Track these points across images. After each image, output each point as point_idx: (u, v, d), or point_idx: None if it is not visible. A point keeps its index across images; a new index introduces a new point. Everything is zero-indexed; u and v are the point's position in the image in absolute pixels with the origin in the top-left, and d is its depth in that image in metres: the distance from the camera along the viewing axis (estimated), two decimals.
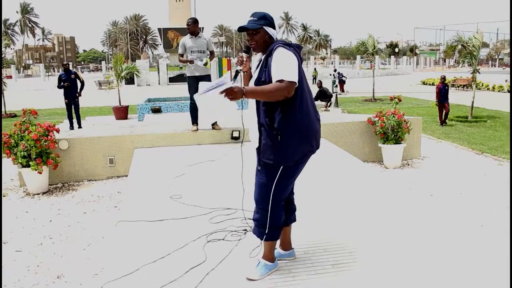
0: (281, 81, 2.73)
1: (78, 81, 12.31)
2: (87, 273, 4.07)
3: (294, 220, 3.29)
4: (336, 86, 19.26)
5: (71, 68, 14.16)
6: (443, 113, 12.57)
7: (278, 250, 3.31)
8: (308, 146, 2.90)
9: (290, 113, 2.82)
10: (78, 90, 12.33)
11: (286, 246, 3.33)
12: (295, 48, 2.91)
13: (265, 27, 2.91)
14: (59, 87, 12.14)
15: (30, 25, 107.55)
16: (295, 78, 2.76)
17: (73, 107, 12.22)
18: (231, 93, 2.62)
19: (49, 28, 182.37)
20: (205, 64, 7.20)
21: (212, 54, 7.43)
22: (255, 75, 2.98)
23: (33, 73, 79.22)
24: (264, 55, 2.94)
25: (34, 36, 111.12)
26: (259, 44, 2.95)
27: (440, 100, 12.61)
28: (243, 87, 2.70)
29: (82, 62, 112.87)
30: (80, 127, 12.33)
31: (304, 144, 2.88)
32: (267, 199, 2.95)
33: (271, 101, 2.79)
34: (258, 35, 2.93)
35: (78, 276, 4.02)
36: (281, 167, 2.88)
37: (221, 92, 2.62)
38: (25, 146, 6.33)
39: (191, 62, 7.19)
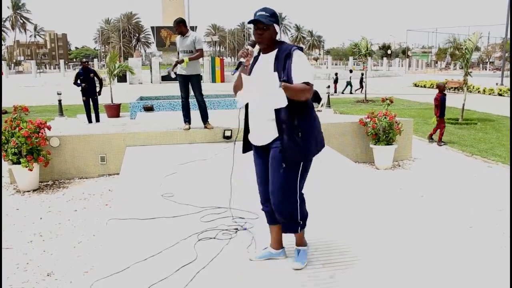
0: (307, 83, 2.88)
1: (96, 79, 12.39)
2: (77, 271, 4.05)
3: None
4: (345, 87, 19.76)
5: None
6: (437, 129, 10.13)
7: (269, 250, 3.34)
8: (321, 143, 3.15)
9: (307, 113, 3.03)
10: (98, 89, 12.48)
11: (277, 245, 3.35)
12: None
13: (274, 25, 3.00)
14: (76, 84, 12.18)
15: (21, 21, 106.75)
16: (314, 83, 2.95)
17: (92, 104, 12.36)
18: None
19: (41, 24, 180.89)
20: (180, 62, 7.19)
21: (199, 51, 7.34)
22: (263, 76, 2.91)
23: (24, 69, 78.65)
24: (278, 55, 2.99)
25: (25, 32, 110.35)
26: (266, 40, 3.01)
27: (441, 115, 9.95)
28: (281, 82, 2.81)
29: (74, 59, 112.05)
30: (98, 121, 12.49)
31: (319, 141, 3.12)
32: (295, 193, 3.06)
33: (295, 99, 2.88)
34: (267, 31, 2.98)
35: (68, 274, 4.00)
36: (302, 163, 3.03)
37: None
38: (15, 143, 6.29)
39: (174, 67, 7.37)
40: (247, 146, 3.32)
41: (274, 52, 3.03)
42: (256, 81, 2.92)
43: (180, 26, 7.29)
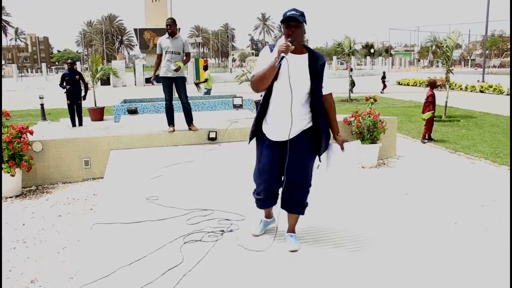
0: (331, 94, 3.40)
1: (81, 83, 12.09)
2: (62, 277, 4.00)
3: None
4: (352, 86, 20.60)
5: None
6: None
7: (264, 220, 3.85)
8: None
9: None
10: (83, 94, 12.20)
11: (270, 215, 3.88)
12: None
13: (304, 24, 3.19)
14: (62, 86, 11.88)
15: (1, 24, 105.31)
16: None
17: (75, 107, 12.08)
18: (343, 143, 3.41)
19: (22, 27, 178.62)
20: (177, 69, 7.15)
21: (187, 56, 7.41)
22: (300, 77, 3.22)
23: (5, 73, 77.47)
24: (312, 60, 3.25)
25: (6, 36, 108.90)
26: (297, 38, 3.17)
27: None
28: (338, 134, 3.45)
29: (57, 63, 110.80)
30: (81, 124, 12.27)
31: None
32: (311, 181, 3.52)
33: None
34: (300, 29, 3.16)
35: (52, 280, 3.95)
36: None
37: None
38: None
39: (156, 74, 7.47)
40: (256, 137, 3.53)
41: (306, 56, 3.25)
42: (294, 82, 3.20)
43: (175, 26, 7.28)
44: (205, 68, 19.66)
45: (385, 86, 26.16)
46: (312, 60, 3.25)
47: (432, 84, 10.47)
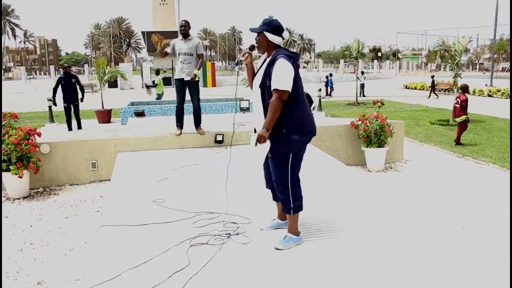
0: (275, 90, 3.28)
1: (77, 86, 11.97)
2: (68, 279, 4.01)
3: None
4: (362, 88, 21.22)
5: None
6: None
7: (276, 221, 3.96)
8: (306, 137, 3.50)
9: (292, 112, 3.38)
10: (80, 96, 12.18)
11: (283, 217, 3.90)
12: (294, 58, 3.43)
13: (265, 32, 3.44)
14: (55, 90, 11.82)
15: (10, 26, 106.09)
16: (288, 87, 3.31)
17: (73, 110, 12.03)
18: (261, 138, 3.28)
19: (31, 30, 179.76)
20: (193, 78, 7.16)
21: (200, 57, 7.31)
22: (258, 77, 3.51)
23: (14, 76, 78.04)
24: (268, 62, 3.44)
25: (15, 38, 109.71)
26: (259, 45, 3.54)
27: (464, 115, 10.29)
28: (263, 128, 3.30)
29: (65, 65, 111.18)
30: (80, 128, 12.19)
31: (303, 136, 3.46)
32: (287, 183, 3.51)
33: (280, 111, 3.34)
34: (259, 37, 3.51)
35: (59, 282, 3.96)
36: (291, 154, 3.45)
37: (256, 144, 3.31)
38: (5, 150, 6.23)
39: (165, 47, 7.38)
40: None
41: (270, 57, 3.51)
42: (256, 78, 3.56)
43: (189, 28, 7.24)
44: (157, 72, 19.37)
45: (433, 90, 24.67)
46: (270, 60, 3.45)
47: (465, 89, 10.79)
